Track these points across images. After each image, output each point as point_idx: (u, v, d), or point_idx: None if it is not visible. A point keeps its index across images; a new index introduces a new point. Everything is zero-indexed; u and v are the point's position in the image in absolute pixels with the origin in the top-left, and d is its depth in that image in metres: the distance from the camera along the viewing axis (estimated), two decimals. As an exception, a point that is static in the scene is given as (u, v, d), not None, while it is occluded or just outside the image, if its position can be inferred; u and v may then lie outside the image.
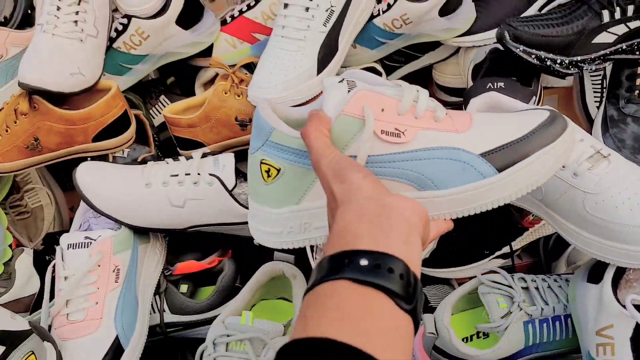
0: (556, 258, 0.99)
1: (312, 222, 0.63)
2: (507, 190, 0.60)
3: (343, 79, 0.60)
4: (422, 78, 1.23)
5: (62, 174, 1.25)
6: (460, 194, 0.60)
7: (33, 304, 0.98)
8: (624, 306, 0.64)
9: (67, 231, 1.18)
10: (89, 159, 1.00)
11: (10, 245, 1.03)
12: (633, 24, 0.89)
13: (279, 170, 0.60)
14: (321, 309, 0.42)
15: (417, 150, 0.59)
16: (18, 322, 0.76)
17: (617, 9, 0.89)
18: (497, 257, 0.95)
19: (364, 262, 0.43)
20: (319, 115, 0.56)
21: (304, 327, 0.41)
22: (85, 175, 0.87)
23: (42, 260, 1.03)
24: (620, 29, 0.90)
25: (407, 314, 0.43)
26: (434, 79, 1.20)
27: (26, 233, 1.18)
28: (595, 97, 1.06)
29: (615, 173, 0.68)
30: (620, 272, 0.69)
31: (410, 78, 1.22)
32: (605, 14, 0.89)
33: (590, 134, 0.89)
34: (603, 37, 0.90)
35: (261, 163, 0.61)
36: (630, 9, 0.89)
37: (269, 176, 0.61)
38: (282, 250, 0.86)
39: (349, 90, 0.57)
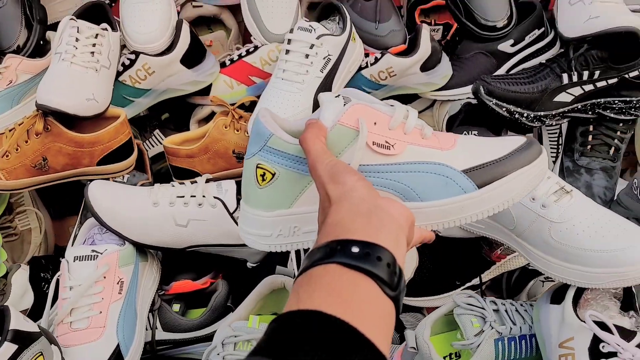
0: (518, 293, 1.10)
1: (302, 227, 0.68)
2: (485, 205, 0.65)
3: (339, 95, 0.66)
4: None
5: (52, 202, 1.30)
6: (442, 207, 0.64)
7: (25, 317, 1.02)
8: (583, 321, 0.74)
9: (53, 256, 1.23)
10: (87, 182, 1.07)
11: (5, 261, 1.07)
12: (587, 87, 1.04)
13: (273, 175, 0.65)
14: (313, 287, 0.46)
15: (405, 163, 0.63)
16: (29, 324, 0.81)
17: (575, 73, 1.03)
18: (467, 288, 1.05)
19: (355, 249, 0.47)
20: (317, 124, 0.62)
21: (297, 302, 0.45)
22: (97, 192, 0.94)
23: (37, 277, 1.07)
24: (577, 91, 1.04)
25: (391, 300, 0.47)
26: (410, 129, 1.32)
27: (10, 255, 1.21)
28: (551, 152, 1.20)
29: (577, 206, 0.79)
30: (579, 293, 0.80)
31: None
32: (565, 77, 1.04)
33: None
34: (562, 97, 1.05)
35: (257, 167, 0.65)
36: (586, 74, 1.03)
37: (263, 180, 0.66)
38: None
39: (344, 104, 0.63)
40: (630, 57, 1.02)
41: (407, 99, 1.25)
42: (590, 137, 1.08)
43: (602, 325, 0.73)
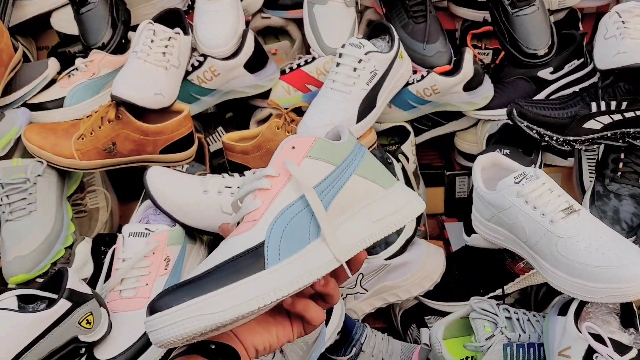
0: (545, 307, 1.13)
1: None
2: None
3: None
4: (446, 143, 1.42)
5: (120, 186, 1.43)
6: None
7: (85, 286, 1.14)
8: (581, 332, 0.79)
9: (116, 234, 1.35)
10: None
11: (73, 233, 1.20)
12: (615, 117, 1.09)
13: None
14: None
15: None
16: (84, 287, 0.92)
17: (603, 103, 1.09)
18: (491, 297, 1.09)
19: (212, 346, 0.60)
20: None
21: None
22: (155, 176, 1.04)
23: (98, 250, 1.18)
24: (605, 119, 1.09)
25: None
26: (455, 145, 1.39)
27: (79, 230, 1.34)
28: (590, 176, 1.24)
29: (582, 224, 0.84)
30: (582, 306, 0.84)
31: (434, 141, 1.41)
32: (594, 106, 1.10)
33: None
34: (591, 124, 1.10)
35: None
36: (613, 104, 1.08)
37: None
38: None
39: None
40: (655, 91, 1.06)
41: (452, 116, 1.32)
42: (620, 164, 1.12)
43: (598, 338, 0.78)
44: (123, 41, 1.34)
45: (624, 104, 1.07)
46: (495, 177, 0.96)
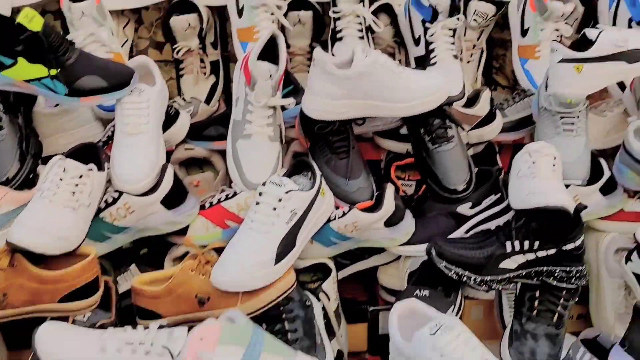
0: None
1: None
2: None
3: None
4: (370, 276, 1.39)
5: (11, 332, 1.29)
6: None
7: None
8: None
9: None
10: (48, 318, 1.06)
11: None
12: (529, 256, 1.11)
13: None
14: None
15: None
16: None
17: (517, 242, 1.10)
18: None
19: None
20: None
21: None
22: (45, 336, 0.95)
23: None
24: (520, 259, 1.11)
25: None
26: (378, 279, 1.36)
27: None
28: (510, 311, 1.25)
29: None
30: None
31: (358, 275, 1.37)
32: (508, 245, 1.11)
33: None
34: (507, 264, 1.11)
35: None
36: (527, 244, 1.10)
37: None
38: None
39: None
40: (564, 232, 1.09)
41: (374, 250, 1.30)
42: (536, 303, 1.13)
43: None
44: (31, 175, 1.27)
45: (537, 244, 1.09)
46: (413, 324, 0.93)
